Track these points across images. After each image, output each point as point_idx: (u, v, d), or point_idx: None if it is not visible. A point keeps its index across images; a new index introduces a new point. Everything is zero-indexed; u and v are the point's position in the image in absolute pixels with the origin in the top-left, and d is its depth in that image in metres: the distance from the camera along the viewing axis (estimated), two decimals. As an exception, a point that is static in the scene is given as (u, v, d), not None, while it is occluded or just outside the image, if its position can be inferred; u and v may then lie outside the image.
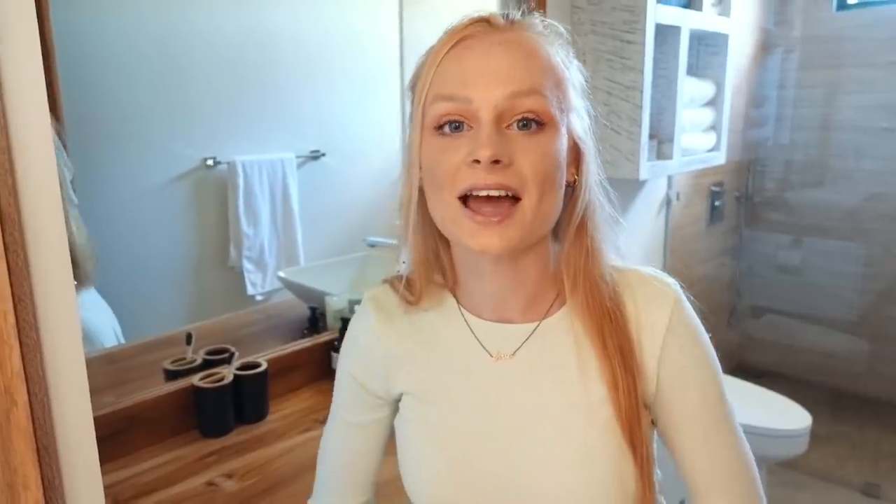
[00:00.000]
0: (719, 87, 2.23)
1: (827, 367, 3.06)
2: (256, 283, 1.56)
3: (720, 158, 2.31)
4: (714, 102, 2.25)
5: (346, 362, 0.77)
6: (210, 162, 1.43)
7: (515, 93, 0.59)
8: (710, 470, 0.68)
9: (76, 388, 0.59)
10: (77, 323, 0.59)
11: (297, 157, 1.58)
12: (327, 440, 0.81)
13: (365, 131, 1.75)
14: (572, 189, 0.66)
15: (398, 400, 0.75)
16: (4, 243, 0.50)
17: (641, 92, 1.81)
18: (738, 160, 3.02)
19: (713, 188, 2.86)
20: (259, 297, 1.57)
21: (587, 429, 0.65)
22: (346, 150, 1.69)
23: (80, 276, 1.22)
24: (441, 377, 0.70)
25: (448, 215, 0.61)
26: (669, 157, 2.00)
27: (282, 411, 1.39)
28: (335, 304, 1.60)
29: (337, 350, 1.50)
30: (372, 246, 1.81)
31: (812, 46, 2.97)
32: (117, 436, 1.16)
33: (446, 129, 0.61)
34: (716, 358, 0.70)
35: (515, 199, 0.59)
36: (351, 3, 1.65)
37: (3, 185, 0.50)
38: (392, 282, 0.75)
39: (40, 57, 0.53)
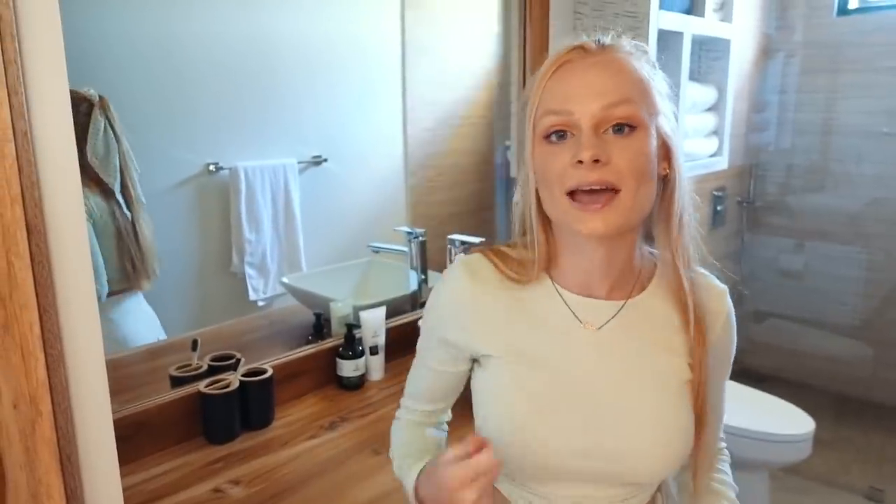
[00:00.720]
0: (721, 92, 2.25)
1: (830, 372, 3.07)
2: (258, 289, 1.56)
3: (723, 163, 2.32)
4: (716, 107, 2.27)
5: (431, 319, 0.87)
6: (213, 167, 1.44)
7: (609, 104, 0.70)
8: (713, 420, 0.86)
9: (97, 399, 0.60)
10: (98, 333, 0.60)
11: (300, 162, 1.59)
12: (418, 363, 0.92)
13: (367, 137, 1.76)
14: (664, 182, 0.77)
15: (477, 360, 0.85)
16: (31, 255, 0.51)
17: (644, 97, 1.82)
18: (739, 165, 3.03)
19: (715, 193, 2.87)
20: (261, 303, 1.57)
21: (666, 394, 0.78)
22: (347, 156, 1.70)
23: (148, 272, 1.33)
24: (533, 340, 0.80)
25: (559, 208, 0.73)
26: (672, 162, 2.02)
27: (287, 418, 1.39)
28: (340, 309, 1.61)
29: (342, 357, 1.51)
30: (376, 251, 1.81)
31: (813, 51, 2.99)
32: (123, 442, 1.15)
33: (553, 137, 0.73)
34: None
35: (615, 191, 0.70)
36: (353, 9, 1.66)
37: (31, 199, 0.51)
38: (486, 254, 0.84)
39: (65, 67, 0.54)
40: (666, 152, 0.76)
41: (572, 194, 0.71)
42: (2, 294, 0.51)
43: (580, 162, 0.69)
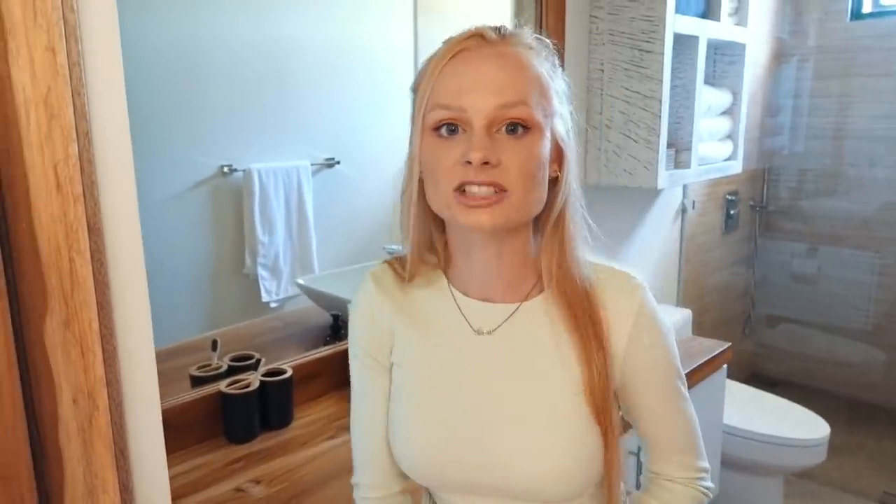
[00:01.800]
0: (736, 96, 2.26)
1: (843, 377, 3.08)
2: (271, 291, 1.57)
3: (737, 167, 2.33)
4: (731, 111, 2.28)
5: (355, 336, 0.85)
6: (226, 169, 1.44)
7: (504, 104, 0.67)
8: (670, 436, 0.81)
9: (148, 395, 0.62)
10: (149, 330, 0.61)
11: (313, 164, 1.60)
12: (356, 420, 0.87)
13: (379, 139, 1.77)
14: (554, 184, 0.75)
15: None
16: (91, 253, 0.53)
17: (660, 101, 1.84)
18: (752, 169, 3.05)
19: (728, 197, 2.88)
20: (273, 305, 1.58)
21: (559, 403, 0.74)
22: (360, 158, 1.71)
23: None
24: (428, 348, 0.79)
25: (444, 202, 0.70)
26: (687, 165, 2.03)
27: (305, 418, 1.41)
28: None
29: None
30: (391, 253, 1.82)
31: (827, 56, 3.01)
32: (147, 442, 1.18)
33: (443, 130, 0.69)
34: (672, 338, 0.80)
35: (503, 190, 0.68)
36: (366, 13, 1.67)
37: (90, 198, 0.53)
38: (391, 262, 0.84)
39: (122, 69, 0.56)
40: (558, 154, 0.74)
41: (459, 189, 0.69)
42: (64, 291, 0.53)
43: (469, 162, 0.66)
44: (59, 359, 0.53)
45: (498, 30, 0.72)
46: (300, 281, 1.62)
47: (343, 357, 1.52)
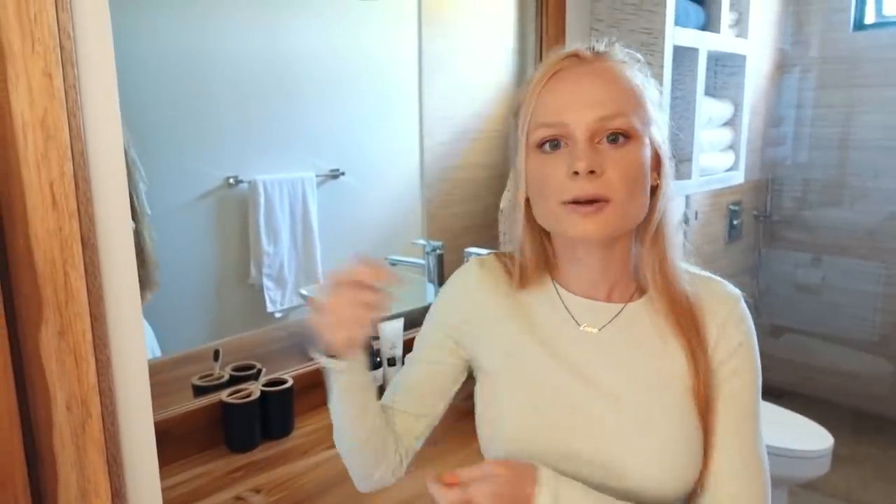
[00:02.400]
0: (737, 107, 2.27)
1: (848, 388, 3.06)
2: (276, 301, 1.59)
3: (739, 178, 2.34)
4: (732, 122, 2.29)
5: (437, 307, 0.88)
6: (232, 181, 1.46)
7: (604, 116, 0.70)
8: (727, 458, 0.75)
9: (140, 403, 0.64)
10: (142, 340, 0.64)
11: (317, 175, 1.62)
12: (404, 368, 0.91)
13: (384, 151, 1.78)
14: (654, 192, 0.77)
15: (473, 359, 0.85)
16: (85, 266, 0.55)
17: (660, 112, 1.85)
18: (756, 179, 3.05)
19: (731, 207, 2.89)
20: (278, 315, 1.60)
21: (668, 401, 0.75)
22: (364, 170, 1.73)
23: (150, 282, 1.33)
24: (532, 341, 0.80)
25: (553, 216, 0.73)
26: (688, 176, 2.04)
27: (306, 427, 1.42)
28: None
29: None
30: (393, 264, 1.84)
31: (829, 66, 3.02)
32: (149, 450, 1.20)
33: (546, 147, 0.73)
34: (759, 361, 0.80)
35: (606, 200, 0.70)
36: (371, 25, 1.69)
37: (85, 214, 0.55)
38: (500, 256, 0.87)
39: (116, 91, 0.59)
40: (657, 162, 0.77)
41: (566, 203, 0.71)
42: (59, 303, 0.55)
43: (576, 173, 0.69)
44: (54, 367, 0.56)
45: (591, 48, 0.76)
46: (304, 291, 1.63)
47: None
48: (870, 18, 2.94)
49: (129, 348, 0.63)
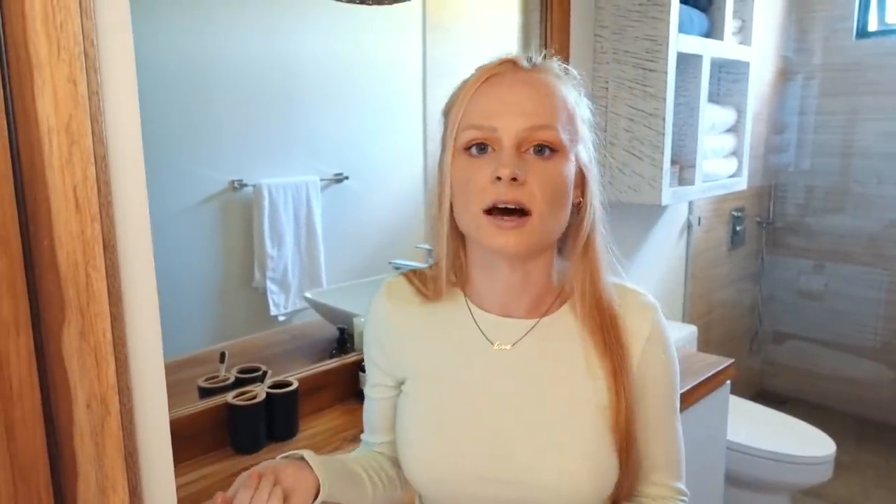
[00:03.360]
0: (740, 113, 2.28)
1: (850, 394, 3.08)
2: (279, 304, 1.60)
3: (742, 184, 2.36)
4: (735, 129, 2.31)
5: (365, 343, 0.91)
6: (236, 184, 1.47)
7: (533, 126, 0.71)
8: (656, 455, 0.81)
9: (157, 401, 0.66)
10: (159, 341, 0.65)
11: (321, 179, 1.63)
12: (367, 401, 0.94)
13: (388, 155, 1.80)
14: (578, 209, 0.78)
15: (402, 383, 0.85)
16: (106, 268, 0.57)
17: (664, 119, 1.87)
18: (759, 185, 3.07)
19: (734, 213, 2.90)
20: (281, 318, 1.61)
21: (580, 417, 0.75)
22: (369, 174, 1.74)
23: None
24: (443, 362, 0.80)
25: (473, 223, 0.73)
26: (691, 182, 2.06)
27: (311, 430, 1.43)
28: (363, 324, 1.65)
29: (365, 371, 1.55)
30: (397, 268, 1.85)
31: (832, 73, 3.04)
32: (155, 451, 1.21)
33: (473, 150, 0.73)
34: (676, 357, 0.82)
35: (527, 213, 0.70)
36: (375, 31, 1.70)
37: (106, 216, 0.57)
38: (408, 275, 0.87)
39: (136, 96, 0.60)
40: (581, 180, 0.77)
41: (489, 211, 0.71)
42: (80, 304, 0.57)
43: (499, 178, 0.69)
44: (75, 366, 0.57)
45: (529, 58, 0.76)
46: (308, 295, 1.64)
47: (349, 369, 1.57)
48: (873, 26, 2.96)
49: (147, 348, 0.65)
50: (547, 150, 0.71)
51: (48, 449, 0.56)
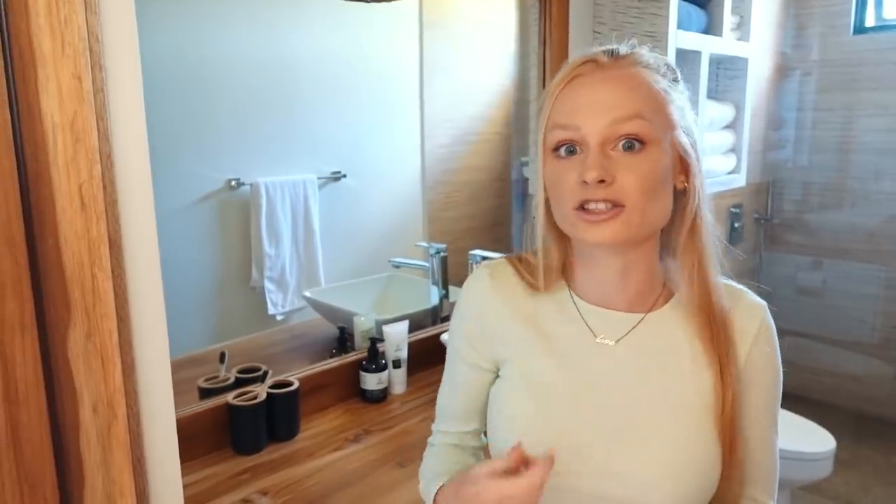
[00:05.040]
0: (739, 110, 2.29)
1: (850, 391, 3.09)
2: (277, 303, 1.60)
3: (740, 181, 2.36)
4: (734, 125, 2.31)
5: (455, 324, 0.88)
6: (234, 183, 1.48)
7: (616, 119, 0.70)
8: (754, 464, 0.78)
9: (164, 404, 0.65)
10: (165, 342, 0.64)
11: (319, 178, 1.63)
12: (446, 379, 0.91)
13: (385, 153, 1.80)
14: (683, 195, 0.76)
15: (498, 368, 0.84)
16: (112, 268, 0.56)
17: (663, 115, 1.86)
18: (757, 182, 3.07)
19: (732, 210, 2.91)
20: (279, 317, 1.61)
21: (686, 418, 0.74)
22: (366, 172, 1.74)
23: None
24: (546, 353, 0.79)
25: (567, 221, 0.73)
26: (690, 179, 2.05)
27: (312, 430, 1.43)
28: (363, 323, 1.65)
29: (365, 370, 1.55)
30: (397, 267, 1.85)
31: (830, 69, 3.04)
32: (156, 453, 1.20)
33: (562, 151, 0.73)
34: (781, 363, 0.81)
35: (621, 206, 0.70)
36: (372, 29, 1.70)
37: (112, 216, 0.56)
38: (511, 260, 0.86)
39: (141, 94, 0.59)
40: (684, 166, 0.75)
41: (580, 206, 0.71)
42: (86, 305, 0.56)
43: (585, 182, 0.69)
44: (81, 369, 0.56)
45: (611, 52, 0.75)
46: (308, 294, 1.64)
47: (349, 369, 1.56)
48: (870, 22, 2.97)
49: (153, 349, 0.64)
50: (636, 143, 0.70)
51: (54, 454, 0.55)
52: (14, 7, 0.49)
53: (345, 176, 1.68)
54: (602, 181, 0.68)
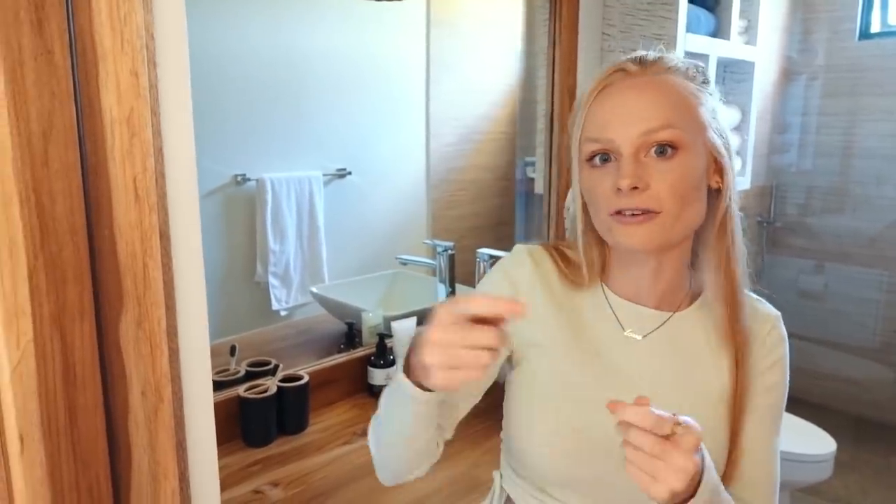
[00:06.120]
0: (745, 113, 2.32)
1: (850, 394, 3.13)
2: (281, 299, 1.62)
3: (745, 183, 2.39)
4: (739, 128, 2.34)
5: (490, 283, 0.88)
6: (240, 179, 1.49)
7: (647, 131, 0.72)
8: (752, 473, 0.80)
9: (203, 390, 0.67)
10: (206, 330, 0.67)
11: (324, 174, 1.65)
12: None
13: (390, 151, 1.82)
14: (717, 194, 0.78)
15: (515, 349, 0.85)
16: (161, 257, 0.59)
17: (671, 117, 1.89)
18: (760, 185, 3.11)
19: (735, 212, 2.93)
20: (283, 313, 1.63)
21: (707, 413, 0.76)
22: (371, 169, 1.76)
23: None
24: (574, 339, 0.81)
25: (604, 226, 0.76)
26: (696, 181, 2.08)
27: (321, 423, 1.46)
28: (371, 319, 1.67)
29: (374, 365, 1.57)
30: (404, 264, 1.87)
31: (835, 74, 3.09)
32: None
33: (596, 160, 0.75)
34: (788, 376, 0.84)
35: (656, 211, 0.72)
36: (379, 27, 1.72)
37: (162, 207, 0.58)
38: (549, 249, 0.88)
39: (189, 89, 0.62)
40: (718, 167, 0.77)
41: (615, 213, 0.73)
42: (138, 293, 0.59)
43: (619, 189, 0.71)
44: (132, 355, 0.59)
45: (639, 60, 0.76)
46: (314, 290, 1.66)
47: (358, 364, 1.58)
48: (875, 27, 3.01)
49: (196, 337, 0.66)
50: (668, 149, 0.72)
51: (106, 435, 0.58)
52: (78, 5, 0.51)
53: (350, 173, 1.70)
54: (636, 188, 0.71)
